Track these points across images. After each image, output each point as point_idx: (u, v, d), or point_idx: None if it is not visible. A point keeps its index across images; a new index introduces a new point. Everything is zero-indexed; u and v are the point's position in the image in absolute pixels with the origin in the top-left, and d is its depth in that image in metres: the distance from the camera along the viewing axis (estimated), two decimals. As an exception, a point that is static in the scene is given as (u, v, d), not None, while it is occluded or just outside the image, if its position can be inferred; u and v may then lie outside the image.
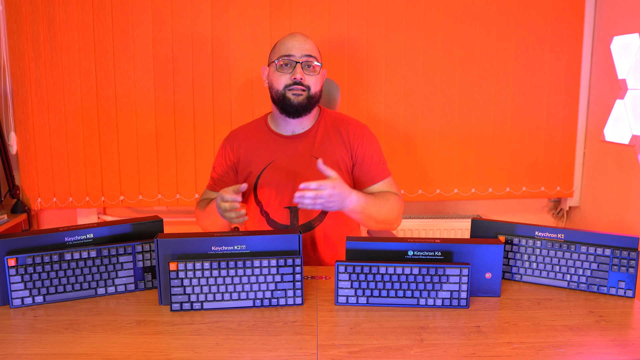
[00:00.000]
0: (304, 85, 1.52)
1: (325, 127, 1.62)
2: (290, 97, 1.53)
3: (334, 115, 1.67)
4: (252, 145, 1.63)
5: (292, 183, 1.57)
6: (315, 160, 1.58)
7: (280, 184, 1.58)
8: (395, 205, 1.55)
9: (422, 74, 2.38)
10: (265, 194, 1.60)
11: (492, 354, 1.02)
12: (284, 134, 1.62)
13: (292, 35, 1.57)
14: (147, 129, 2.36)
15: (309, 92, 1.53)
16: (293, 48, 1.53)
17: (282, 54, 1.53)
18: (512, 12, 2.36)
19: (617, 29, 2.25)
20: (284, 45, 1.55)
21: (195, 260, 1.19)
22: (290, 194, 1.58)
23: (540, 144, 2.45)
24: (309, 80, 1.53)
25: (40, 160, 2.35)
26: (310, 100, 1.54)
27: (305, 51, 1.53)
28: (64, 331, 1.11)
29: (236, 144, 1.65)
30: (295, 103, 1.53)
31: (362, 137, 1.61)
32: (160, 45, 2.31)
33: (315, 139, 1.60)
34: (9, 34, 2.27)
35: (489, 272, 1.25)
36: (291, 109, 1.54)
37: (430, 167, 2.44)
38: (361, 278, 1.21)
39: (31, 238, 1.23)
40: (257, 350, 1.03)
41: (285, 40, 1.56)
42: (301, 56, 1.52)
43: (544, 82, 2.41)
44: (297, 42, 1.54)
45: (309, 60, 1.53)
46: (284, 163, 1.59)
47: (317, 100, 1.58)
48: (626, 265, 1.27)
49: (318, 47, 1.61)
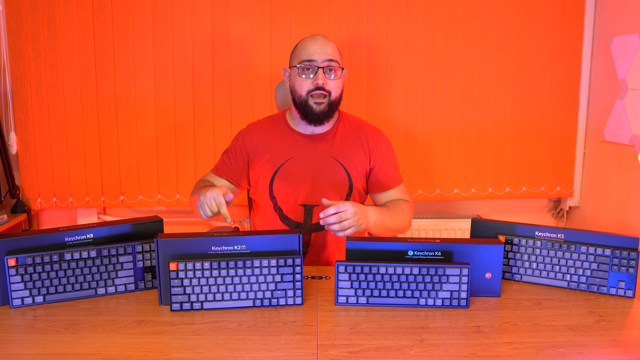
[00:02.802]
0: (325, 91, 1.52)
1: (345, 130, 1.63)
2: (313, 105, 1.53)
3: (352, 119, 1.68)
4: (270, 140, 1.62)
5: (309, 182, 1.58)
6: (333, 161, 1.59)
7: (297, 182, 1.58)
8: (407, 213, 1.60)
9: (422, 74, 2.38)
10: (281, 190, 1.59)
11: (492, 354, 1.02)
12: (303, 132, 1.62)
13: (313, 39, 1.55)
14: (147, 129, 2.36)
15: (329, 97, 1.54)
16: (315, 53, 1.52)
17: (303, 59, 1.53)
18: (512, 12, 2.36)
19: (617, 29, 2.24)
20: (306, 50, 1.53)
21: (195, 260, 1.19)
22: (307, 192, 1.59)
23: (540, 144, 2.45)
24: (330, 86, 1.53)
25: (40, 160, 2.35)
26: (331, 106, 1.55)
27: (327, 55, 1.52)
28: (64, 331, 1.11)
29: (255, 137, 1.64)
30: (317, 112, 1.54)
31: (381, 144, 1.64)
32: (160, 45, 2.31)
33: (334, 141, 1.61)
34: (9, 34, 2.27)
35: (489, 272, 1.25)
36: (313, 117, 1.55)
37: (430, 167, 2.44)
38: (361, 278, 1.21)
39: (31, 238, 1.23)
40: (257, 350, 1.03)
41: (307, 44, 1.55)
42: (323, 61, 1.52)
43: (544, 82, 2.41)
44: (318, 46, 1.53)
45: (331, 64, 1.53)
46: (302, 161, 1.59)
47: (337, 105, 1.58)
48: (626, 265, 1.27)
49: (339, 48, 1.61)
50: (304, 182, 1.58)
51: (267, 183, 1.60)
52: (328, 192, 1.58)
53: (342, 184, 1.59)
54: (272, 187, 1.60)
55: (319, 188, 1.58)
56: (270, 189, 1.60)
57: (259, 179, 1.62)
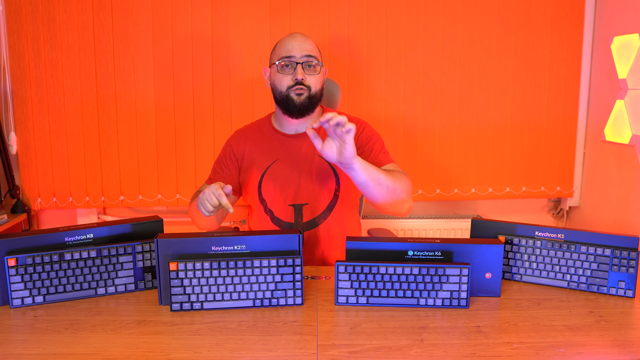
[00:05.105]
0: (304, 86, 1.54)
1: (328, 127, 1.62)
2: (294, 97, 1.54)
3: None
4: (256, 144, 1.65)
5: (296, 181, 1.59)
6: (318, 159, 1.59)
7: (284, 182, 1.59)
8: (402, 178, 1.49)
9: (422, 73, 2.38)
10: (270, 192, 1.60)
11: (492, 354, 1.02)
12: (287, 132, 1.63)
13: (291, 36, 1.58)
14: (147, 129, 2.36)
15: (309, 91, 1.55)
16: (293, 49, 1.54)
17: (282, 56, 1.55)
18: (512, 12, 2.36)
19: (617, 29, 2.24)
20: (284, 47, 1.56)
21: (195, 260, 1.19)
22: (295, 192, 1.59)
23: (540, 144, 2.45)
24: (309, 80, 1.55)
25: (40, 160, 2.35)
26: (311, 99, 1.56)
27: (305, 51, 1.54)
28: (64, 331, 1.11)
29: (241, 143, 1.66)
30: (297, 103, 1.54)
31: (362, 129, 1.62)
32: (160, 45, 2.31)
33: None
34: (9, 34, 2.27)
35: (489, 272, 1.25)
36: (294, 109, 1.55)
37: (430, 167, 2.44)
38: (361, 278, 1.21)
39: (31, 238, 1.23)
40: (257, 350, 1.03)
41: (285, 41, 1.57)
42: (301, 57, 1.54)
43: (544, 82, 2.41)
44: (297, 42, 1.55)
45: (309, 60, 1.54)
46: (287, 161, 1.60)
47: (318, 99, 1.59)
48: (626, 265, 1.27)
49: (318, 46, 1.62)
50: (291, 182, 1.59)
51: (256, 186, 1.61)
52: (315, 190, 1.59)
53: (329, 180, 1.60)
54: (261, 190, 1.61)
55: (306, 187, 1.59)
56: (259, 192, 1.61)
57: (248, 184, 1.63)
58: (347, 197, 1.63)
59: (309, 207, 1.59)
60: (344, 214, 1.63)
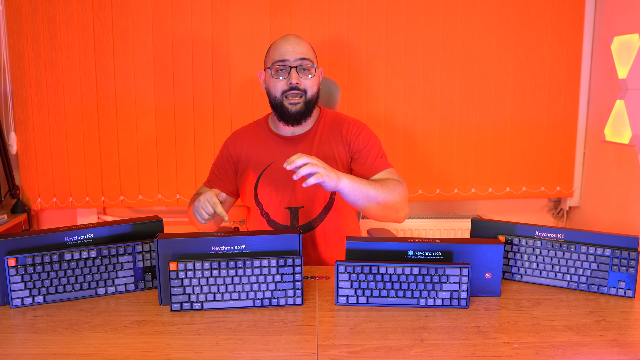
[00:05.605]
0: (300, 90, 1.52)
1: (324, 127, 1.62)
2: (288, 106, 1.53)
3: (333, 115, 1.66)
4: (252, 146, 1.64)
5: (291, 184, 1.57)
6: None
7: (280, 185, 1.58)
8: (396, 188, 1.47)
9: (422, 74, 2.38)
10: (266, 195, 1.60)
11: (492, 354, 1.02)
12: (284, 134, 1.62)
13: (284, 39, 1.56)
14: (147, 129, 2.36)
15: (305, 96, 1.53)
16: (287, 52, 1.52)
17: (276, 60, 1.53)
18: (512, 12, 2.36)
19: (617, 29, 2.24)
20: (278, 50, 1.54)
21: (195, 260, 1.19)
22: (290, 195, 1.58)
23: (540, 144, 2.45)
24: (305, 84, 1.53)
25: (40, 160, 2.35)
26: (307, 105, 1.55)
27: (299, 54, 1.52)
28: (64, 331, 1.11)
29: (238, 145, 1.66)
30: (293, 112, 1.54)
31: (359, 133, 1.60)
32: (160, 45, 2.31)
33: (314, 140, 1.60)
34: (9, 34, 2.27)
35: (489, 272, 1.25)
36: (289, 118, 1.55)
37: (430, 167, 2.44)
38: (361, 278, 1.21)
39: (31, 238, 1.23)
40: (257, 350, 1.03)
41: (279, 44, 1.55)
42: (295, 60, 1.52)
43: (544, 82, 2.41)
44: (290, 45, 1.53)
45: (304, 63, 1.52)
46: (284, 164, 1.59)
47: (314, 103, 1.58)
48: (626, 265, 1.27)
49: (313, 47, 1.61)
50: (287, 185, 1.58)
51: (252, 189, 1.61)
52: (311, 194, 1.57)
53: None
54: (257, 192, 1.60)
55: (302, 190, 1.57)
56: (255, 195, 1.61)
57: (245, 186, 1.63)
58: (343, 200, 1.62)
59: (304, 211, 1.58)
60: (341, 217, 1.62)
